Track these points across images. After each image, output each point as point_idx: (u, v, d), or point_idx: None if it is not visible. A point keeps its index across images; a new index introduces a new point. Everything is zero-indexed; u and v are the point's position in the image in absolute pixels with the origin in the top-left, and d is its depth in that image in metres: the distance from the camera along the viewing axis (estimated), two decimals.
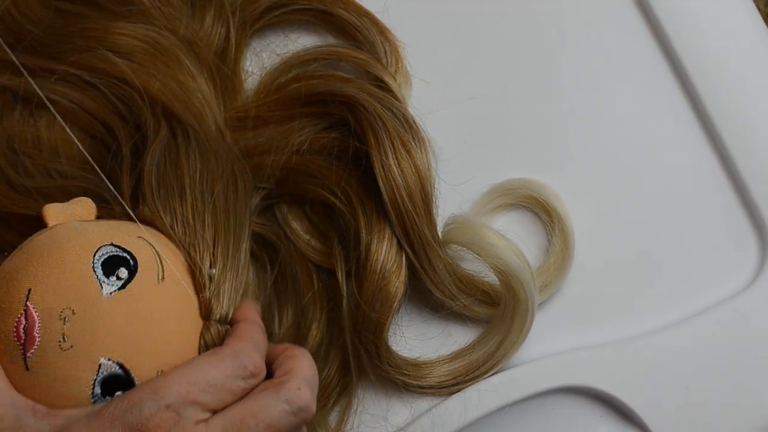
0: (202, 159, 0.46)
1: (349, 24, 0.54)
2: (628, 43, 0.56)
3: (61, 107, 0.49)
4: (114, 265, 0.40)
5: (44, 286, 0.39)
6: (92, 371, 0.38)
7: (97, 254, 0.40)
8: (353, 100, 0.50)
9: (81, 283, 0.39)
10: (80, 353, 0.38)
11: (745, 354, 0.51)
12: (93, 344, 0.38)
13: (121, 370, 0.38)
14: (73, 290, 0.39)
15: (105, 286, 0.39)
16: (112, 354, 0.38)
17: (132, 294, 0.39)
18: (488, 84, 0.55)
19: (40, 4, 0.53)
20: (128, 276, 0.40)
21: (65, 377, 0.38)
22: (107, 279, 0.39)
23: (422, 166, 0.50)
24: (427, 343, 0.51)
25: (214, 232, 0.45)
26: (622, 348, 0.51)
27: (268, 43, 0.55)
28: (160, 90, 0.49)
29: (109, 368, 0.38)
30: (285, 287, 0.51)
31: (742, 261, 0.53)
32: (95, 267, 0.40)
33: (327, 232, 0.52)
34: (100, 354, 0.38)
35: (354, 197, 0.50)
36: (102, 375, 0.38)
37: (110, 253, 0.40)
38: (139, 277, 0.40)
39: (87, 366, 0.38)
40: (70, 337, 0.38)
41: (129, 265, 0.40)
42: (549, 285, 0.52)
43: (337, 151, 0.51)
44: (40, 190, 0.48)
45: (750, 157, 0.53)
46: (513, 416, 0.51)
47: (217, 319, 0.42)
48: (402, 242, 0.49)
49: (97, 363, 0.38)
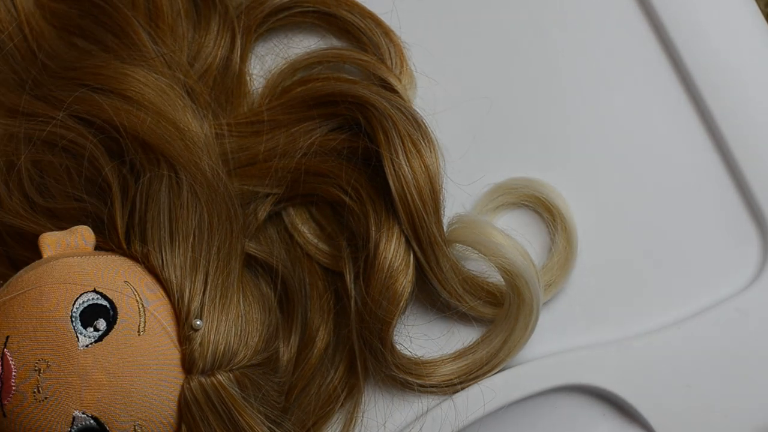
0: (196, 202, 0.46)
1: (353, 26, 0.54)
2: (630, 43, 0.56)
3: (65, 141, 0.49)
4: (93, 315, 0.40)
5: (22, 335, 0.39)
6: (66, 423, 0.38)
7: (77, 302, 0.40)
8: (363, 100, 0.50)
9: (57, 335, 0.39)
10: (54, 405, 0.38)
11: (747, 353, 0.51)
12: (67, 397, 0.38)
13: (96, 423, 0.38)
14: (50, 342, 0.39)
15: (81, 338, 0.39)
16: (86, 407, 0.38)
17: (109, 347, 0.39)
18: (493, 84, 0.55)
19: (56, 35, 0.53)
20: (106, 327, 0.40)
21: (40, 428, 0.38)
22: (84, 330, 0.39)
23: (432, 165, 0.50)
24: (431, 343, 0.51)
25: (205, 277, 0.44)
26: (624, 347, 0.51)
27: (272, 47, 0.55)
28: (156, 134, 0.48)
29: (83, 421, 0.38)
30: (292, 296, 0.50)
31: (743, 260, 0.53)
32: (73, 317, 0.39)
33: (335, 235, 0.52)
34: (74, 407, 0.38)
35: (364, 195, 0.50)
36: (76, 427, 0.38)
37: (91, 301, 0.40)
38: (118, 328, 0.40)
39: (61, 418, 0.38)
40: (44, 389, 0.38)
41: (108, 316, 0.40)
42: (553, 284, 0.52)
43: (347, 152, 0.51)
44: (55, 211, 0.48)
45: (752, 156, 0.53)
46: (516, 415, 0.51)
47: (200, 372, 0.41)
48: (410, 241, 0.49)
49: (71, 416, 0.38)
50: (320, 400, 0.49)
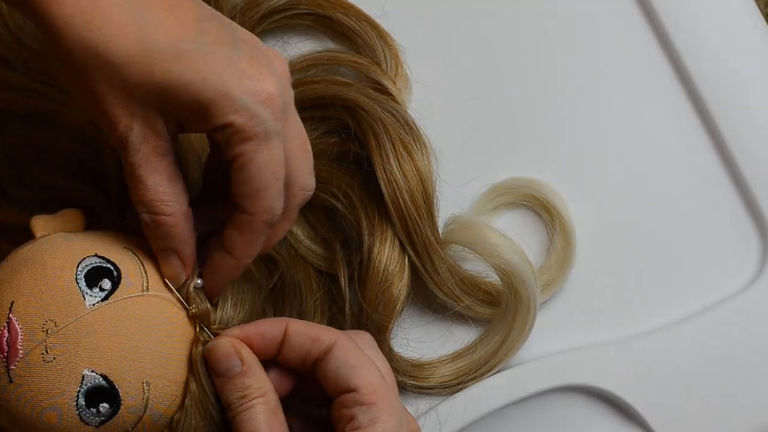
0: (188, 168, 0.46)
1: (349, 28, 0.53)
2: (629, 44, 0.56)
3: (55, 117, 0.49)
4: (97, 277, 0.40)
5: (27, 299, 0.39)
6: (76, 383, 0.38)
7: (80, 265, 0.40)
8: (353, 103, 0.50)
9: (64, 295, 0.39)
10: (63, 365, 0.38)
11: (746, 353, 0.51)
12: (76, 356, 0.38)
13: (105, 381, 0.38)
14: (56, 302, 0.39)
15: (88, 297, 0.39)
16: (95, 366, 0.38)
17: (115, 305, 0.39)
18: (488, 86, 0.55)
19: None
20: (111, 287, 0.40)
21: (49, 389, 0.38)
22: (90, 290, 0.39)
23: (423, 168, 0.50)
24: (429, 344, 0.51)
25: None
26: (623, 347, 0.51)
27: None
28: None
29: (93, 380, 0.38)
30: (285, 295, 0.50)
31: (743, 260, 0.53)
32: (78, 278, 0.39)
33: (328, 237, 0.52)
34: (83, 365, 0.38)
35: (356, 199, 0.50)
36: (86, 386, 0.38)
37: (93, 264, 0.40)
38: (123, 287, 0.40)
39: (70, 378, 0.38)
40: (52, 349, 0.38)
41: (112, 276, 0.40)
42: (551, 284, 0.52)
43: (337, 155, 0.51)
44: (35, 201, 0.48)
45: (751, 156, 0.53)
46: (515, 415, 0.51)
47: (207, 329, 0.42)
48: (404, 244, 0.49)
49: (80, 375, 0.38)
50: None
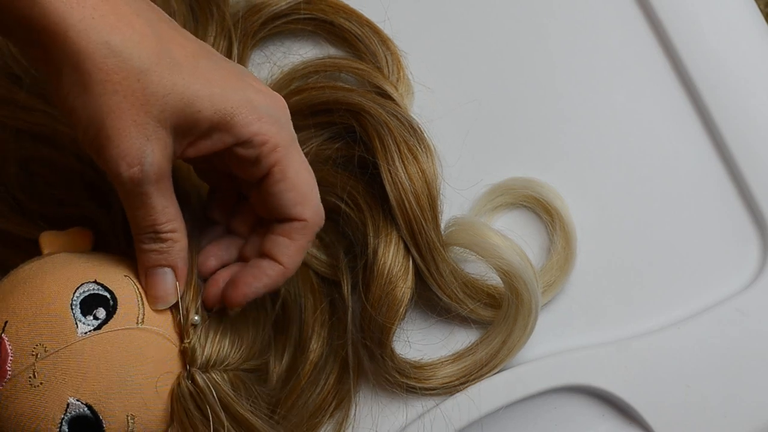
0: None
1: (351, 33, 0.54)
2: (629, 44, 0.56)
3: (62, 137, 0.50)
4: (93, 304, 0.40)
5: (21, 320, 0.39)
6: (60, 410, 0.38)
7: (77, 291, 0.40)
8: (359, 107, 0.50)
9: (56, 321, 0.39)
10: (50, 391, 0.38)
11: (746, 353, 0.51)
12: (62, 383, 0.38)
13: (90, 411, 0.38)
14: (48, 327, 0.39)
15: (80, 325, 0.39)
16: (81, 395, 0.38)
17: (107, 336, 0.39)
18: (489, 88, 0.55)
19: None
20: (106, 317, 0.40)
21: (33, 414, 0.38)
22: (84, 318, 0.39)
23: (428, 171, 0.50)
24: (431, 346, 0.52)
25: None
26: (623, 347, 0.51)
27: (269, 55, 0.55)
28: None
29: (78, 408, 0.38)
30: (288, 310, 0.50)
31: (743, 260, 0.53)
32: (73, 305, 0.39)
33: (332, 244, 0.52)
34: (69, 394, 0.38)
35: (361, 202, 0.50)
36: (70, 414, 0.38)
37: (91, 291, 0.40)
38: (118, 318, 0.40)
39: (55, 404, 0.38)
40: (40, 374, 0.38)
41: (108, 306, 0.40)
42: (552, 285, 0.52)
43: (342, 160, 0.51)
44: (45, 215, 0.48)
45: (751, 156, 0.53)
46: (515, 415, 0.51)
47: (197, 367, 0.42)
48: (409, 246, 0.49)
49: (66, 402, 0.38)
50: (309, 411, 0.49)
